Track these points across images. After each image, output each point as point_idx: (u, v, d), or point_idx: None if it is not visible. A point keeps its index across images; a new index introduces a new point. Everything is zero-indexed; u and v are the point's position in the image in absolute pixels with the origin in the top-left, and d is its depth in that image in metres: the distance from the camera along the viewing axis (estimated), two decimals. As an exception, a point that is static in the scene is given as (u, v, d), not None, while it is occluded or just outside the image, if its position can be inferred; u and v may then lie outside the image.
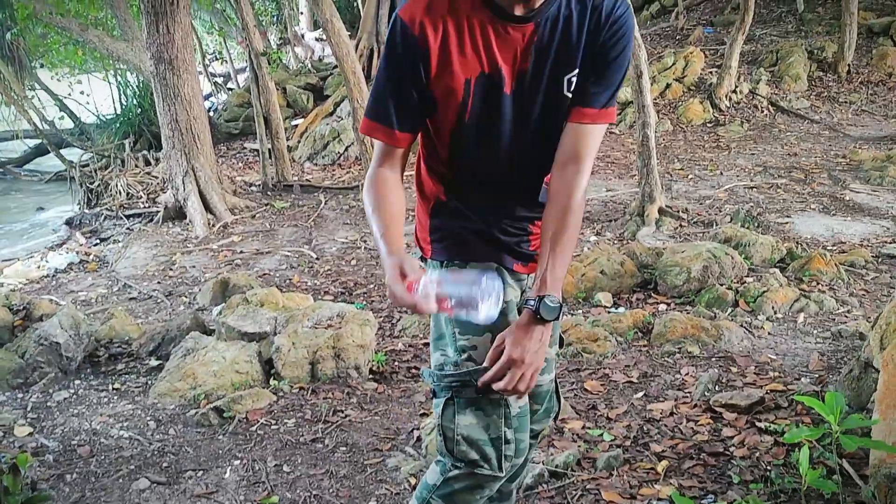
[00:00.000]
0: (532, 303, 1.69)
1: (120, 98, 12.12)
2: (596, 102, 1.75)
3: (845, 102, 11.51)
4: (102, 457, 3.29)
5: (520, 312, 1.75)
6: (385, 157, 1.82)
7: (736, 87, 11.46)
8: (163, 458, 3.27)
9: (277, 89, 11.27)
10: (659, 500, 2.75)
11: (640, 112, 6.63)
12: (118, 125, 11.63)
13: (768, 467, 2.89)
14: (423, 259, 1.94)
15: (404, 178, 1.86)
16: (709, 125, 10.89)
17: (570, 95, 1.74)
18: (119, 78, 12.12)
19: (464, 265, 1.84)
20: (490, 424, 1.80)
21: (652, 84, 10.55)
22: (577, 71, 1.72)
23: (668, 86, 11.75)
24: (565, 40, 1.71)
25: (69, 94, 12.94)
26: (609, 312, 4.62)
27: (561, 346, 2.13)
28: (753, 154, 9.39)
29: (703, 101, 11.29)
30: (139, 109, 11.57)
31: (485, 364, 1.73)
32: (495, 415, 1.79)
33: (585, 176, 1.76)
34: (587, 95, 1.74)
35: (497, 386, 1.70)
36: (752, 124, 10.82)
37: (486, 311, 1.60)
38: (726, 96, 11.33)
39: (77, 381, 4.10)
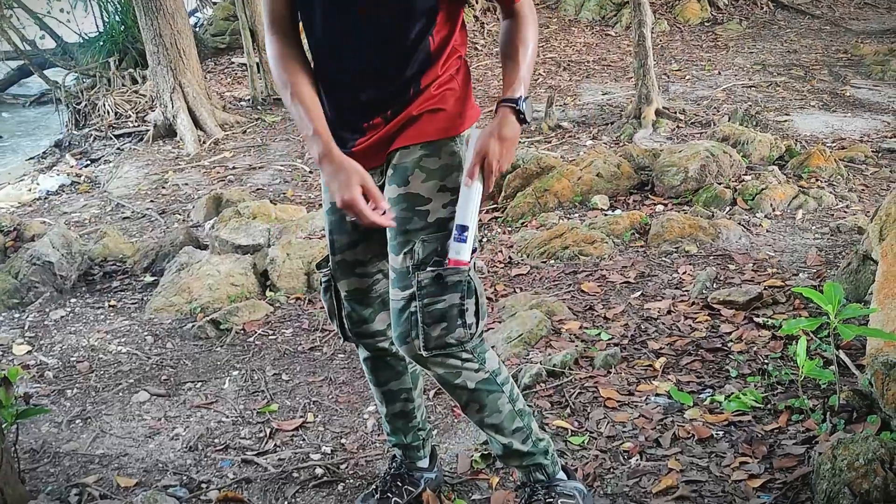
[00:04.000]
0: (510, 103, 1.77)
1: (101, 15, 11.77)
2: None
3: (848, -5, 11.22)
4: (102, 372, 3.29)
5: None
6: (273, 16, 1.83)
7: (735, -17, 11.15)
8: (161, 371, 3.28)
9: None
10: (657, 395, 2.77)
11: (635, 10, 6.43)
12: (102, 43, 11.30)
13: (766, 360, 2.89)
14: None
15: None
16: (706, 24, 10.63)
17: None
18: (99, -7, 11.73)
19: None
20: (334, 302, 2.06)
21: (648, -18, 10.22)
22: None
23: (664, -16, 11.42)
24: None
25: (48, 13, 12.56)
26: (606, 215, 4.57)
27: (422, 267, 1.78)
28: (752, 52, 9.18)
29: (701, 0, 10.99)
30: (122, 26, 11.24)
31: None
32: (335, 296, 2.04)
33: (531, 10, 1.84)
34: None
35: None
36: (751, 22, 10.56)
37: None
38: (725, -7, 11.03)
39: (73, 300, 4.09)
